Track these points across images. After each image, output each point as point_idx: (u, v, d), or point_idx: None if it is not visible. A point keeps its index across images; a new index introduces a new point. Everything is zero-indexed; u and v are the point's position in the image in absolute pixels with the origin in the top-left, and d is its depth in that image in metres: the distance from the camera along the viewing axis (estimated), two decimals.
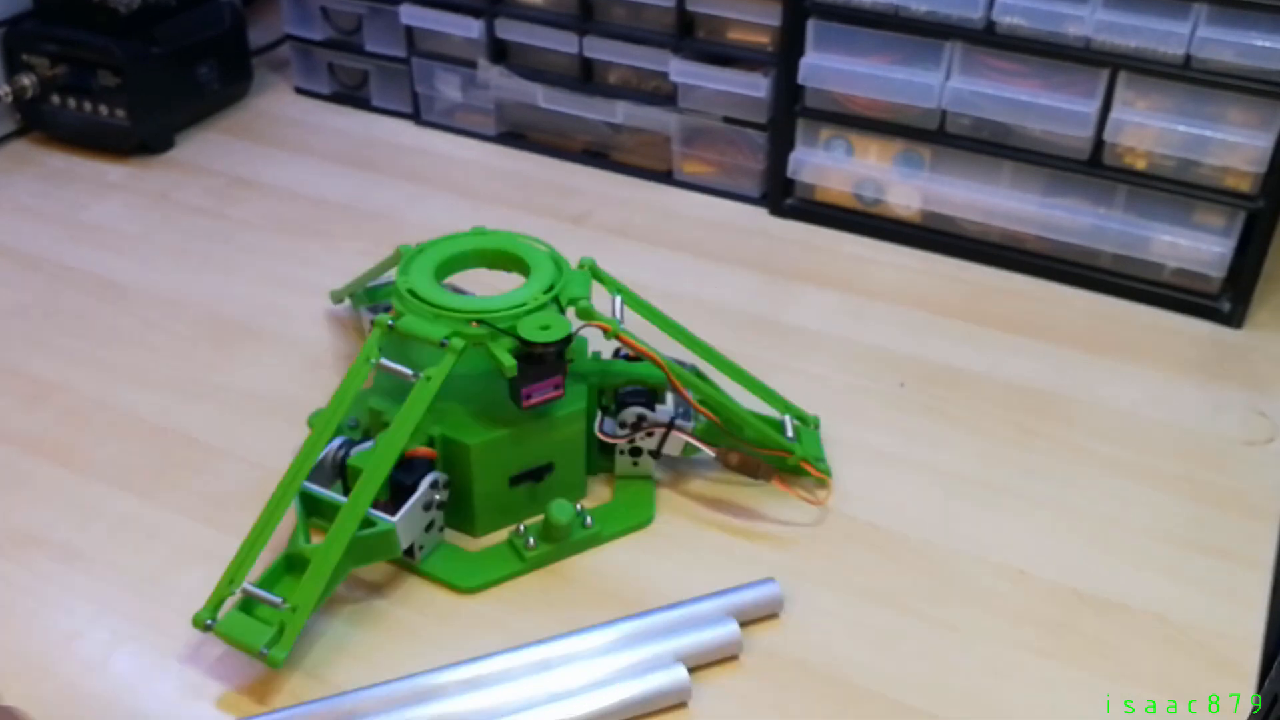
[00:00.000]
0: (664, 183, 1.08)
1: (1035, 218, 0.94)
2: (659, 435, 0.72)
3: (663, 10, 1.02)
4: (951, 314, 0.92)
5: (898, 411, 0.82)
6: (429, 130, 1.17)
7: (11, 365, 0.85)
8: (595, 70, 1.08)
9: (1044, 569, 0.69)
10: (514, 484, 0.70)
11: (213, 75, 1.15)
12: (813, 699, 0.61)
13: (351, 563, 0.65)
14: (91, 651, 0.64)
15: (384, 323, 0.69)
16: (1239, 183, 0.87)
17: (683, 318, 0.76)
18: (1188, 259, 0.90)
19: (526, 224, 0.83)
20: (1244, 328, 0.91)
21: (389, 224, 1.02)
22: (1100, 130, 0.89)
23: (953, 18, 0.90)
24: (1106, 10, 0.86)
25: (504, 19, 1.08)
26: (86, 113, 1.09)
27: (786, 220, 1.03)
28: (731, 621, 0.63)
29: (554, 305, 0.70)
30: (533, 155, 1.12)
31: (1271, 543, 0.72)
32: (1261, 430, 0.81)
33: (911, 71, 0.93)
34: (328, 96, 1.21)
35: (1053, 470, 0.77)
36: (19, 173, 1.09)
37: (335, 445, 0.69)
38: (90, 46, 1.07)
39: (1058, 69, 0.89)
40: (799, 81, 0.96)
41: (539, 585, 0.68)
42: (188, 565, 0.68)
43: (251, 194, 1.06)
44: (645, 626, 0.64)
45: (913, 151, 0.97)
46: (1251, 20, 0.83)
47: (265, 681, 0.62)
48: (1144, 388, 0.84)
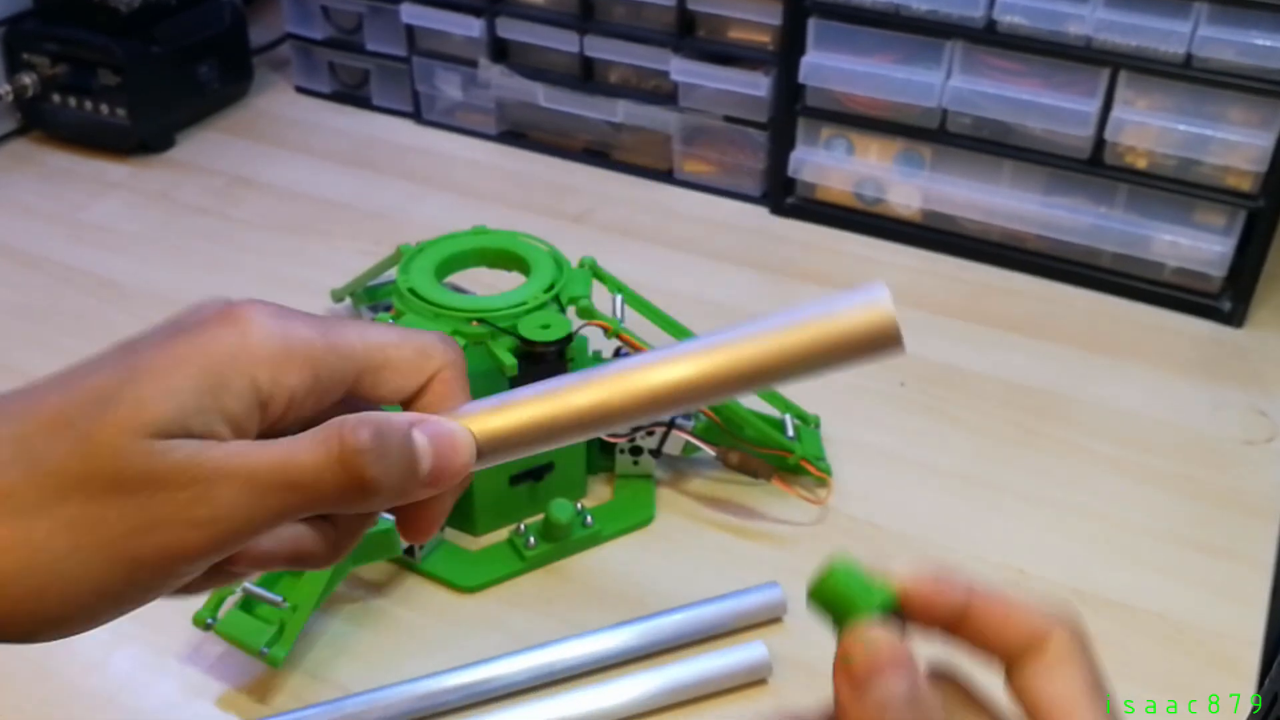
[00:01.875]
0: (665, 182, 1.08)
1: (1036, 217, 0.94)
2: (659, 434, 0.72)
3: (663, 9, 1.01)
4: (952, 313, 0.92)
5: (898, 411, 0.82)
6: (430, 129, 1.17)
7: (11, 364, 0.85)
8: (596, 69, 1.08)
9: (1044, 568, 0.69)
10: (514, 483, 0.70)
11: (213, 74, 1.15)
12: (816, 699, 0.61)
13: (352, 562, 0.65)
14: (91, 650, 0.64)
15: (384, 322, 0.69)
16: (1240, 182, 0.87)
17: (683, 317, 0.76)
18: (1188, 258, 0.90)
19: (527, 223, 0.82)
20: (1244, 327, 0.91)
21: (389, 223, 1.02)
22: (1101, 129, 0.89)
23: (953, 17, 0.90)
24: (1107, 9, 0.86)
25: (505, 18, 1.08)
26: (87, 112, 1.09)
27: (787, 219, 1.03)
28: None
29: (554, 304, 0.70)
30: (533, 154, 1.12)
31: (1272, 542, 0.72)
32: (1262, 429, 0.80)
33: (912, 71, 0.93)
34: (328, 95, 1.21)
35: (1053, 469, 0.77)
36: (19, 172, 1.09)
37: None
38: (91, 46, 1.07)
39: (1058, 68, 0.89)
40: (800, 80, 0.96)
41: (539, 584, 0.69)
42: None
43: (252, 193, 1.06)
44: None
45: (913, 151, 0.97)
46: (1252, 19, 0.83)
47: (265, 680, 0.62)
48: (1144, 387, 0.84)
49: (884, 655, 0.30)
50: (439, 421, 0.34)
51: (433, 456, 0.33)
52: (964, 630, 0.33)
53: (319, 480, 0.31)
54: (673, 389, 0.34)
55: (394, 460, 0.32)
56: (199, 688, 0.62)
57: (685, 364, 0.34)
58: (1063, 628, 0.32)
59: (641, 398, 0.34)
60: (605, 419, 0.35)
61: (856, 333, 0.33)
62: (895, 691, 0.30)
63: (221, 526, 0.31)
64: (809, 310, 0.33)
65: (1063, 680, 0.31)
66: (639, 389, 0.34)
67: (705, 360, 0.34)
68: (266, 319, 0.33)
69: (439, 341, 0.36)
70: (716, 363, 0.34)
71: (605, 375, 0.35)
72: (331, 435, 0.32)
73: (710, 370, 0.34)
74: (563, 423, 0.35)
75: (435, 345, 0.36)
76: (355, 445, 0.31)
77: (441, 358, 0.36)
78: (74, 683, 0.62)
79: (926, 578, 0.33)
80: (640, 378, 0.34)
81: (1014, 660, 0.32)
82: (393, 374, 0.35)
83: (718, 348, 0.34)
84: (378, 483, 0.32)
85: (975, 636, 0.32)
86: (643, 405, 0.34)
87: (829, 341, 0.33)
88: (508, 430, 0.35)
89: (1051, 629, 0.32)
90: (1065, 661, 0.32)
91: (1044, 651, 0.32)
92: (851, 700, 0.30)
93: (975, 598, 0.32)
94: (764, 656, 0.62)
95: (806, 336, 0.33)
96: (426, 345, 0.36)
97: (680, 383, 0.34)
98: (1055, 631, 0.32)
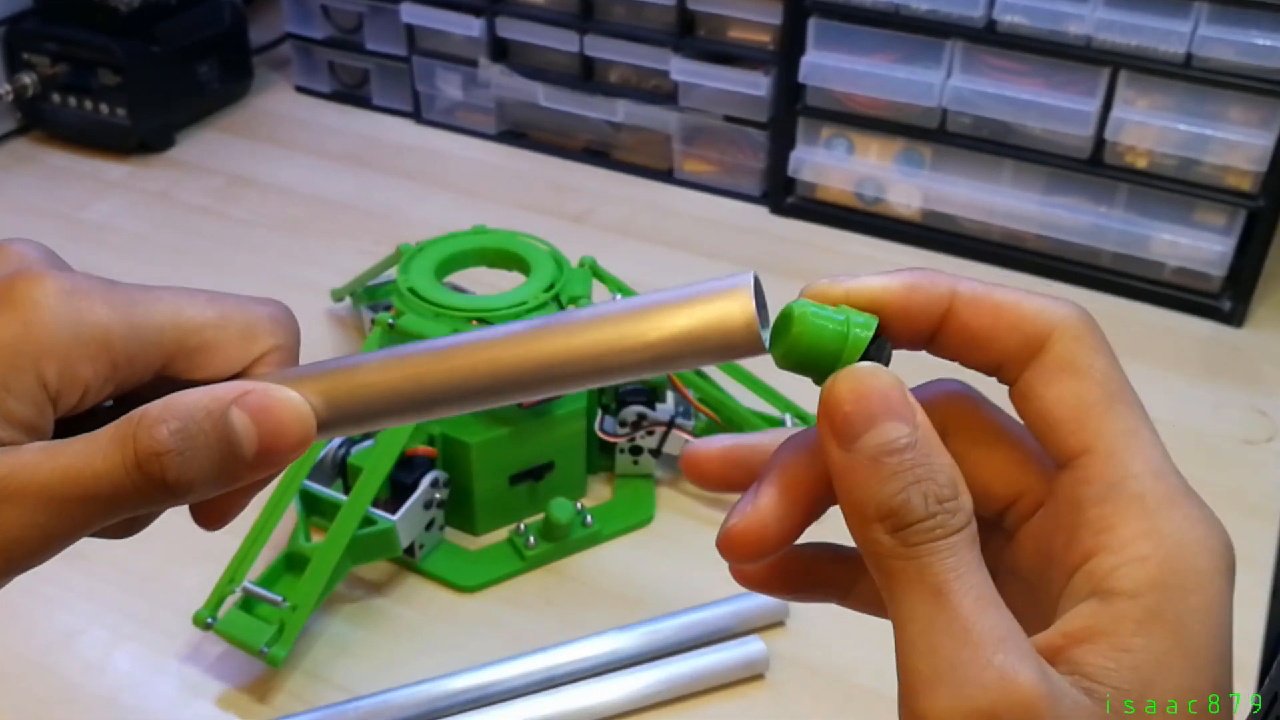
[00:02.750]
0: (664, 181, 1.08)
1: (1036, 216, 0.94)
2: (659, 434, 0.72)
3: (663, 9, 1.01)
4: None
5: None
6: (430, 129, 1.17)
7: None
8: (596, 69, 1.08)
9: None
10: (514, 483, 0.70)
11: (213, 74, 1.15)
12: (818, 701, 0.61)
13: (351, 561, 0.65)
14: (91, 650, 0.64)
15: (384, 321, 0.69)
16: (1240, 181, 0.87)
17: None
18: (1188, 258, 0.90)
19: (527, 222, 0.82)
20: (1244, 327, 0.91)
21: (389, 222, 1.02)
22: (1101, 129, 0.89)
23: (953, 16, 0.90)
24: (1107, 9, 0.86)
25: (505, 18, 1.08)
26: (87, 111, 1.09)
27: (787, 219, 1.03)
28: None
29: (554, 304, 0.70)
30: (533, 154, 1.12)
31: (1271, 542, 0.72)
32: (1262, 429, 0.80)
33: (912, 70, 0.93)
34: (328, 95, 1.21)
35: None
36: (19, 171, 1.09)
37: (335, 444, 0.69)
38: (91, 45, 1.07)
39: (1058, 68, 0.89)
40: (800, 80, 0.96)
41: (539, 584, 0.68)
42: (187, 564, 0.68)
43: (252, 192, 1.06)
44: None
45: (913, 150, 0.97)
46: (1252, 19, 0.83)
47: (265, 680, 0.62)
48: (1144, 386, 0.83)
49: (874, 401, 0.26)
50: (266, 393, 0.29)
51: (258, 439, 0.28)
52: (951, 340, 0.28)
53: (118, 489, 0.27)
54: (513, 370, 0.29)
55: (204, 454, 0.28)
56: (199, 687, 0.62)
57: (521, 343, 0.29)
58: (1066, 322, 0.27)
59: (495, 378, 0.29)
60: (465, 395, 0.30)
61: (707, 328, 0.28)
62: (890, 440, 0.25)
63: (15, 550, 0.27)
64: (668, 295, 0.29)
65: (1071, 383, 0.27)
66: (493, 367, 0.29)
67: (540, 342, 0.29)
68: (55, 299, 0.28)
69: (268, 320, 0.32)
70: (548, 349, 0.29)
71: (460, 346, 0.30)
72: (126, 437, 0.28)
73: (541, 355, 0.29)
74: (419, 394, 0.30)
75: (262, 324, 0.31)
76: (152, 447, 0.27)
77: (269, 339, 0.31)
78: (74, 682, 0.62)
79: (899, 286, 0.28)
80: (492, 354, 0.29)
81: (1013, 367, 0.27)
82: (209, 358, 0.30)
83: (548, 330, 0.29)
84: (186, 483, 0.28)
85: (965, 345, 0.28)
86: (494, 387, 0.30)
87: (680, 336, 0.28)
88: (354, 397, 0.30)
89: (1053, 325, 0.27)
90: (1072, 361, 0.27)
91: (1046, 352, 0.27)
92: (841, 457, 0.26)
93: (960, 301, 0.28)
94: (762, 652, 0.62)
95: (658, 326, 0.28)
96: (252, 324, 0.31)
97: (520, 364, 0.29)
98: (1058, 328, 0.27)
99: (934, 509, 0.25)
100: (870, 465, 0.25)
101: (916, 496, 0.25)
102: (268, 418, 0.29)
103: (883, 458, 0.25)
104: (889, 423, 0.26)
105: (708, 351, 0.28)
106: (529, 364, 0.29)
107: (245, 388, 0.29)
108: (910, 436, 0.25)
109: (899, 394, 0.26)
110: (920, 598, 0.25)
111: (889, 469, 0.25)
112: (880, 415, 0.26)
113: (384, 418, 0.31)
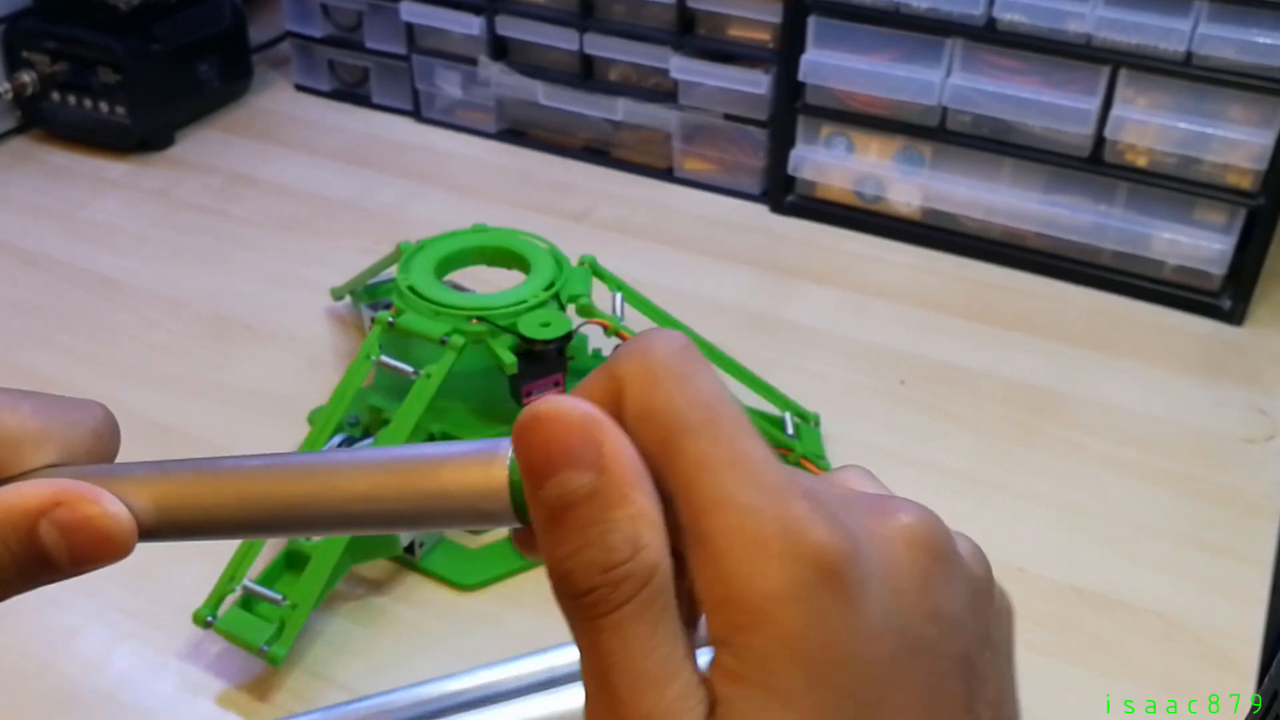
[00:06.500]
0: (664, 180, 1.08)
1: (1036, 215, 0.94)
2: None
3: (663, 7, 1.01)
4: (952, 311, 0.92)
5: (898, 409, 0.82)
6: (429, 127, 1.17)
7: (11, 362, 0.85)
8: (596, 67, 1.07)
9: (1043, 567, 0.69)
10: None
11: (213, 72, 1.15)
12: None
13: (352, 560, 0.65)
14: (91, 648, 0.64)
15: (384, 320, 0.69)
16: (1240, 180, 0.87)
17: (683, 315, 0.76)
18: (1188, 256, 0.90)
19: (527, 221, 0.82)
20: (1245, 325, 0.91)
21: (389, 221, 1.02)
22: (1101, 127, 0.89)
23: (953, 15, 0.90)
24: (1107, 7, 0.86)
25: (504, 16, 1.07)
26: (87, 110, 1.09)
27: (787, 217, 1.03)
28: None
29: (554, 302, 0.70)
30: (533, 152, 1.12)
31: (1271, 540, 0.72)
32: (1262, 427, 0.80)
33: (912, 68, 0.93)
34: (328, 94, 1.21)
35: (1052, 467, 0.77)
36: (19, 170, 1.09)
37: (335, 443, 0.69)
38: (90, 44, 1.07)
39: (1058, 66, 0.89)
40: (800, 78, 0.96)
41: (539, 582, 0.68)
42: (187, 562, 0.68)
43: (251, 191, 1.06)
44: None
45: (913, 149, 0.97)
46: (1253, 17, 0.83)
47: (265, 678, 0.62)
48: (1144, 385, 0.84)
49: (553, 443, 0.23)
50: (79, 505, 0.26)
51: (69, 551, 0.26)
52: None
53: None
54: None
55: (11, 565, 0.26)
56: (199, 685, 0.62)
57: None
58: (631, 363, 0.24)
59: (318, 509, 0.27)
60: (279, 522, 0.28)
61: (461, 488, 0.25)
62: (567, 491, 0.23)
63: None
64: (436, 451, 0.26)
65: (646, 431, 0.24)
66: (326, 497, 0.27)
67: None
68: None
69: (90, 435, 0.28)
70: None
71: (289, 469, 0.27)
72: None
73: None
74: (244, 516, 0.27)
75: (83, 440, 0.28)
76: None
77: (85, 456, 0.28)
78: (74, 681, 0.62)
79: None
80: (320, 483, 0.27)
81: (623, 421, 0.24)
82: (18, 461, 0.27)
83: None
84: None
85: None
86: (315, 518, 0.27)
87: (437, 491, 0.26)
88: (187, 505, 0.27)
89: (620, 375, 0.24)
90: (646, 410, 0.24)
91: (624, 410, 0.24)
92: (531, 501, 0.24)
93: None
94: None
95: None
96: (72, 443, 0.28)
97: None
98: (625, 376, 0.24)
99: (596, 581, 0.23)
100: (548, 520, 0.23)
101: (580, 567, 0.23)
102: (79, 535, 0.26)
103: (558, 513, 0.23)
104: (566, 471, 0.23)
105: (461, 515, 0.26)
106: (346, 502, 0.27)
107: (57, 497, 0.26)
108: (589, 485, 0.23)
109: (580, 433, 0.23)
110: (588, 670, 0.24)
111: (564, 527, 0.23)
112: (558, 462, 0.23)
113: (219, 531, 0.28)
